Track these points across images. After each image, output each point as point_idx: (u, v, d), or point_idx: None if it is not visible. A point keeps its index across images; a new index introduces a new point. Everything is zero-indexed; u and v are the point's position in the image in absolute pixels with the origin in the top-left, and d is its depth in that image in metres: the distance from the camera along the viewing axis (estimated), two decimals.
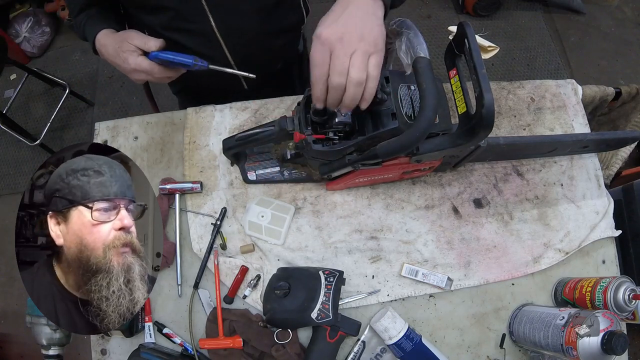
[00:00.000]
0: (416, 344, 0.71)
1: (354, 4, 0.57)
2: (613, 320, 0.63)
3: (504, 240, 0.81)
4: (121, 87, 2.11)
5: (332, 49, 0.55)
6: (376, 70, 0.56)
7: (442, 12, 2.23)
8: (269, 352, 0.72)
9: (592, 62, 2.15)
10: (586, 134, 0.86)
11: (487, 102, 0.53)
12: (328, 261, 0.79)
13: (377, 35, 0.57)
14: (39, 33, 2.17)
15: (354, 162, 0.66)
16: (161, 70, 0.70)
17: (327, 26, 0.56)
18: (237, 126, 0.87)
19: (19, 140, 1.85)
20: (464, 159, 0.77)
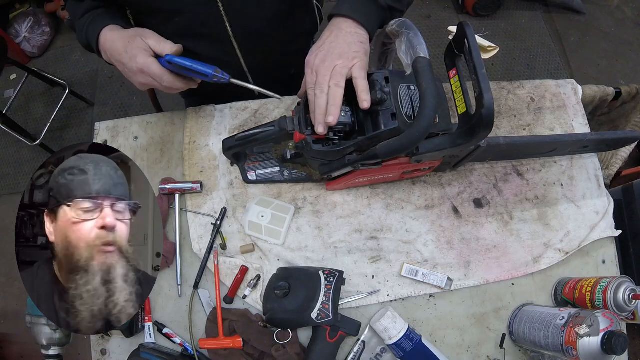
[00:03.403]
0: (416, 344, 0.71)
1: (337, 31, 0.64)
2: (613, 320, 0.63)
3: (504, 240, 0.81)
4: (121, 87, 2.11)
5: (317, 71, 0.62)
6: (360, 71, 0.61)
7: (442, 12, 2.23)
8: (269, 352, 0.72)
9: (592, 62, 2.15)
10: (586, 134, 0.86)
11: (487, 102, 0.53)
12: (328, 261, 0.79)
13: (357, 50, 0.63)
14: (39, 33, 2.17)
15: (354, 162, 0.66)
16: (172, 78, 0.68)
17: (313, 53, 0.64)
18: (237, 126, 0.87)
19: (19, 140, 1.85)
20: (464, 159, 0.77)
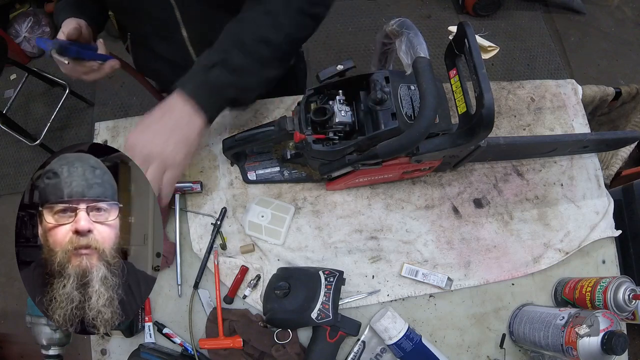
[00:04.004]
0: (416, 344, 0.71)
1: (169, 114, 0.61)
2: (613, 320, 0.63)
3: (504, 240, 0.81)
4: (121, 87, 2.11)
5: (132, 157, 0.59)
6: (169, 186, 0.61)
7: (442, 12, 2.23)
8: (269, 352, 0.72)
9: (592, 62, 2.15)
10: (586, 134, 0.86)
11: (487, 102, 0.53)
12: (328, 261, 0.79)
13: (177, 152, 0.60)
14: (39, 33, 2.16)
15: (354, 162, 0.66)
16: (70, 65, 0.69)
17: (136, 132, 0.60)
18: (237, 126, 0.87)
19: (19, 140, 1.85)
20: (464, 159, 0.77)
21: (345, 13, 2.21)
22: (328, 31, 2.17)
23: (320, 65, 1.84)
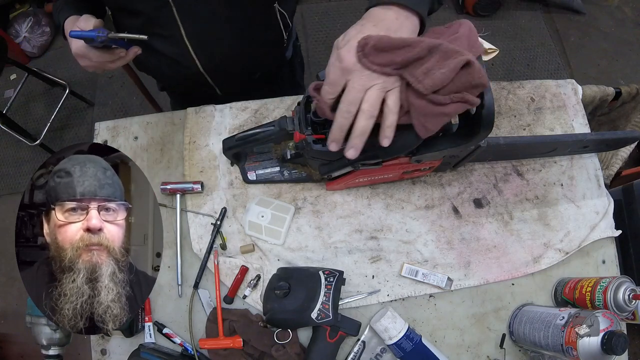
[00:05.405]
0: (416, 344, 0.71)
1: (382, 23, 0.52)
2: (613, 320, 0.63)
3: (504, 240, 0.81)
4: (121, 87, 2.11)
5: (348, 78, 0.51)
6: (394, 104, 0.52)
7: (442, 12, 2.23)
8: (269, 352, 0.72)
9: (592, 62, 2.15)
10: (586, 134, 0.86)
11: (487, 102, 0.53)
12: (328, 261, 0.79)
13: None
14: (39, 33, 2.17)
15: (354, 162, 0.66)
16: (97, 53, 0.69)
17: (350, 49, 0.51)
18: (237, 126, 0.87)
19: (19, 140, 1.85)
20: (464, 159, 0.77)
21: (345, 13, 2.21)
22: (328, 31, 2.17)
23: (321, 65, 1.84)
